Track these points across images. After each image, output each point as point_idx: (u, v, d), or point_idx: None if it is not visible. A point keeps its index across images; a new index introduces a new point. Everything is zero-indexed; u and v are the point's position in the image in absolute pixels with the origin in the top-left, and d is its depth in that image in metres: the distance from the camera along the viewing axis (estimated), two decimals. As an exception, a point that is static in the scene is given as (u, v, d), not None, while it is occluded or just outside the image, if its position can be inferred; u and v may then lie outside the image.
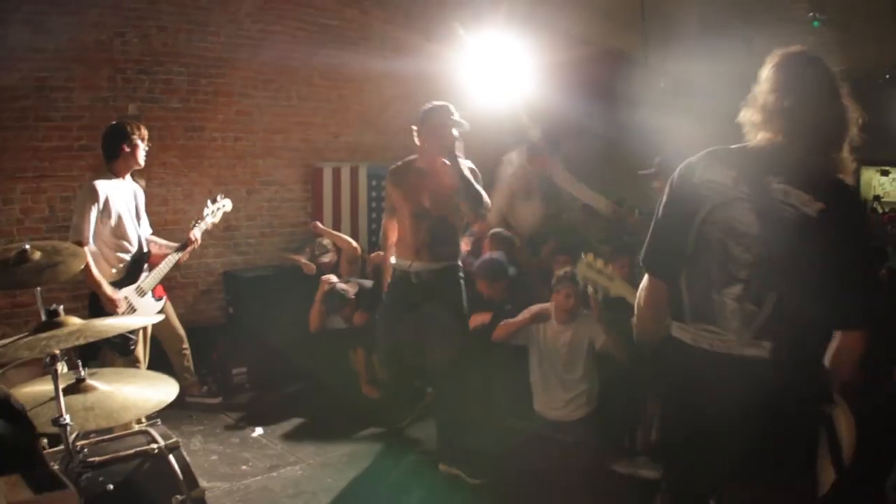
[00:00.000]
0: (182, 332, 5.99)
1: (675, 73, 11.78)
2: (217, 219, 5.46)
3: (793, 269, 2.27)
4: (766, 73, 2.46)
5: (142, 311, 4.98)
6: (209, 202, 5.47)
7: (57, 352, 2.46)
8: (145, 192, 5.80)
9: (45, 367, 2.48)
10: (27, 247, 3.27)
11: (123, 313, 4.79)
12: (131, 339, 4.80)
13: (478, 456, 4.74)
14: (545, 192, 6.93)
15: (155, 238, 5.30)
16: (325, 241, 7.62)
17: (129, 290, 4.95)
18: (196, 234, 5.24)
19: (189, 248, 5.23)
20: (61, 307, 2.57)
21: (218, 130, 7.66)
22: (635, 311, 2.78)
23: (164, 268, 5.14)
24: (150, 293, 5.10)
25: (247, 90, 7.82)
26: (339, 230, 8.11)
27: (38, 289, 3.56)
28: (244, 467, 4.99)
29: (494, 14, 8.91)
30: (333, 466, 5.02)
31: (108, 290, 4.75)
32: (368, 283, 6.79)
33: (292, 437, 5.56)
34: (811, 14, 9.16)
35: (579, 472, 4.61)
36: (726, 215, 2.38)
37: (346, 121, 8.71)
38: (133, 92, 6.97)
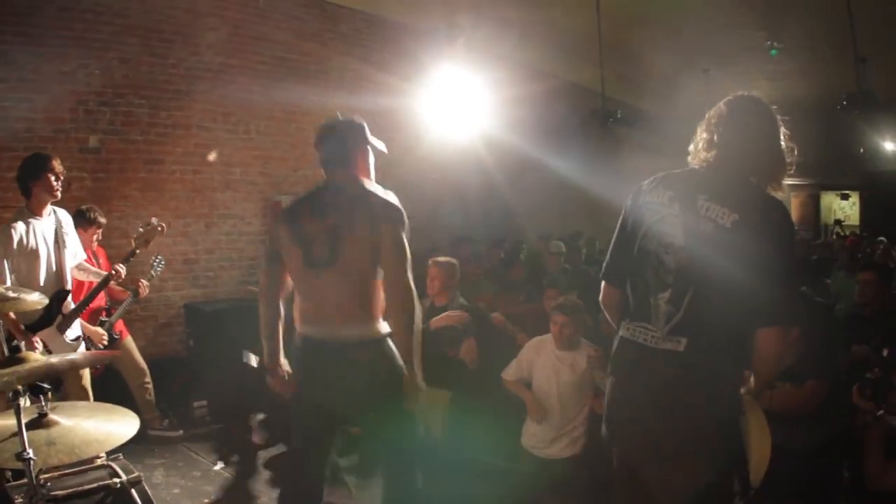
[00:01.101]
0: (144, 365, 5.97)
1: (632, 104, 12.02)
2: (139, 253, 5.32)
3: (707, 275, 2.53)
4: (717, 107, 2.76)
5: (59, 352, 4.65)
6: (139, 228, 5.34)
7: (19, 387, 2.48)
8: (105, 225, 5.80)
9: (8, 402, 2.50)
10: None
11: None
12: (43, 386, 4.68)
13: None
14: None
15: (87, 265, 5.22)
16: None
17: (46, 332, 4.72)
18: (120, 267, 5.12)
19: (112, 282, 5.11)
20: (22, 343, 2.60)
21: (177, 163, 7.65)
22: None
23: (81, 305, 5.01)
24: (69, 332, 4.87)
25: (205, 123, 7.84)
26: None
27: (1, 323, 3.55)
28: (206, 501, 4.97)
29: (453, 48, 9.06)
30: (295, 498, 5.01)
31: (24, 337, 4.55)
32: None
33: (254, 470, 5.54)
34: (769, 42, 9.38)
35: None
36: (660, 230, 2.68)
37: (305, 154, 8.70)
38: (95, 124, 6.98)
